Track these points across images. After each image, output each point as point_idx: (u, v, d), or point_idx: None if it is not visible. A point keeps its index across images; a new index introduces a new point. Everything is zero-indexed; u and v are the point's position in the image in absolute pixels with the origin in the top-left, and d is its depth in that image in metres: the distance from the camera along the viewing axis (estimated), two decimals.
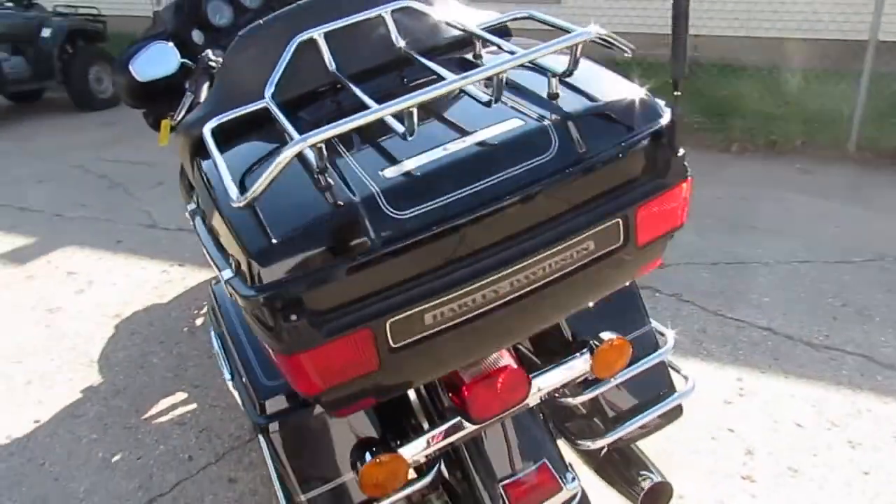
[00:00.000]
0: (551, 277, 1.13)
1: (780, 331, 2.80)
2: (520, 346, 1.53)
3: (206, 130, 1.25)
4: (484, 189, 1.05)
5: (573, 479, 1.40)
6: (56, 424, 2.53)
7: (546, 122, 1.12)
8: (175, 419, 2.52)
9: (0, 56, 6.62)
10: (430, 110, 1.22)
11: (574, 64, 1.15)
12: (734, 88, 5.64)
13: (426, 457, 1.32)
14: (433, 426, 1.33)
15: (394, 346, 1.07)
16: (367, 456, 1.25)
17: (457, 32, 1.46)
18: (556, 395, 1.48)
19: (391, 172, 1.08)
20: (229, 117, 1.32)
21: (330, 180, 1.07)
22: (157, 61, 1.93)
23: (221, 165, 1.11)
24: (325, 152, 1.05)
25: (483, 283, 1.08)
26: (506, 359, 1.31)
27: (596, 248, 1.15)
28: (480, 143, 1.11)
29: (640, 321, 1.49)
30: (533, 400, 1.37)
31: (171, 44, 1.95)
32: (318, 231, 1.02)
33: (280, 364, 1.09)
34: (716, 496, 2.02)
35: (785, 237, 3.58)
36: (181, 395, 2.65)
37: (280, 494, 1.33)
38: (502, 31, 1.52)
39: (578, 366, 1.39)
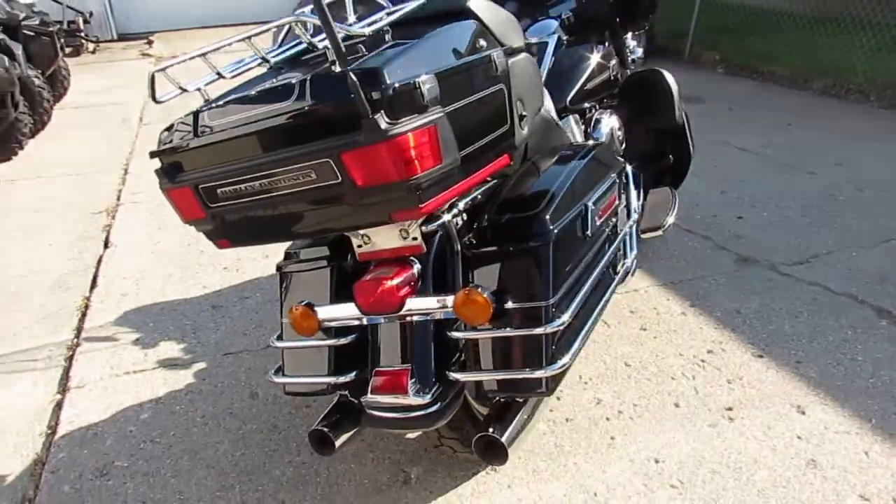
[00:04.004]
0: (287, 192, 1.44)
1: None
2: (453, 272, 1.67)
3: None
4: (246, 121, 1.47)
5: (427, 395, 1.54)
6: None
7: (296, 81, 1.44)
8: None
9: None
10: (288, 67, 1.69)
11: (278, 46, 1.47)
12: None
13: (337, 322, 1.66)
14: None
15: (210, 205, 1.55)
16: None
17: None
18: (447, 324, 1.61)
19: (226, 101, 1.57)
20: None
21: (209, 98, 1.63)
22: None
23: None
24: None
25: (236, 179, 1.48)
26: (400, 273, 1.56)
27: (318, 179, 1.40)
28: (266, 90, 1.52)
29: (541, 296, 1.54)
30: (410, 315, 1.58)
31: None
32: (183, 123, 1.58)
33: None
34: None
35: None
36: None
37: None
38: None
39: (442, 302, 1.56)
